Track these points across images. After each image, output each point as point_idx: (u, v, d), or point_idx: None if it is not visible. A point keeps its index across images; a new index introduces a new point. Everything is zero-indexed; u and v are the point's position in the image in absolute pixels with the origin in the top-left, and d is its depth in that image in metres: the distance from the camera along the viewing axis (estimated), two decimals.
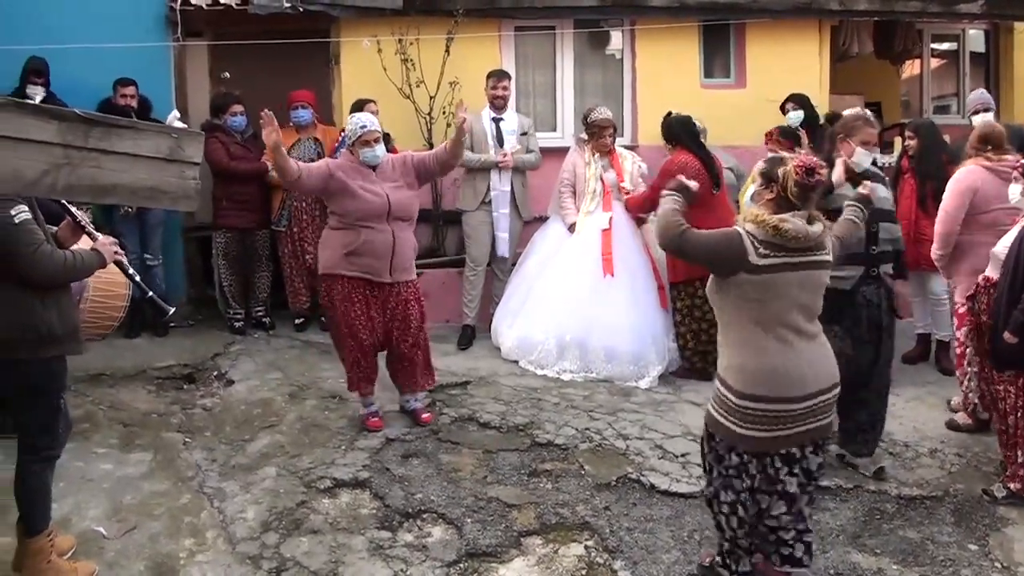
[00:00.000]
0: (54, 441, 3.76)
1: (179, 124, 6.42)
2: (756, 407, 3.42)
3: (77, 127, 2.47)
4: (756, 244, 3.38)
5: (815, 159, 3.47)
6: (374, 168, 5.09)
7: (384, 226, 5.01)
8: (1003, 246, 4.59)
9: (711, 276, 3.57)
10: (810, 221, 3.44)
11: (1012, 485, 4.54)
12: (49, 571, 3.73)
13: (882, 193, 4.60)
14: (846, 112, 5.25)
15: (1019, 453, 4.55)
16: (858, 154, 4.61)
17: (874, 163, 4.92)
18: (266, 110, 4.86)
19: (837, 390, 3.56)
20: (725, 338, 3.56)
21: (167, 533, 4.19)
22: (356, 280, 5.04)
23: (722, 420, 3.52)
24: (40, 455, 3.71)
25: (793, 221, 3.38)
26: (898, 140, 7.97)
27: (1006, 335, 4.35)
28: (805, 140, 6.74)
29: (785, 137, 6.70)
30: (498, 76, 6.96)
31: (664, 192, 3.76)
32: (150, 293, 4.25)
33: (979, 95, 6.87)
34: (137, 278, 4.18)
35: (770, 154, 6.40)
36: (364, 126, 5.07)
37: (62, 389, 3.77)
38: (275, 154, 4.86)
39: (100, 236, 3.86)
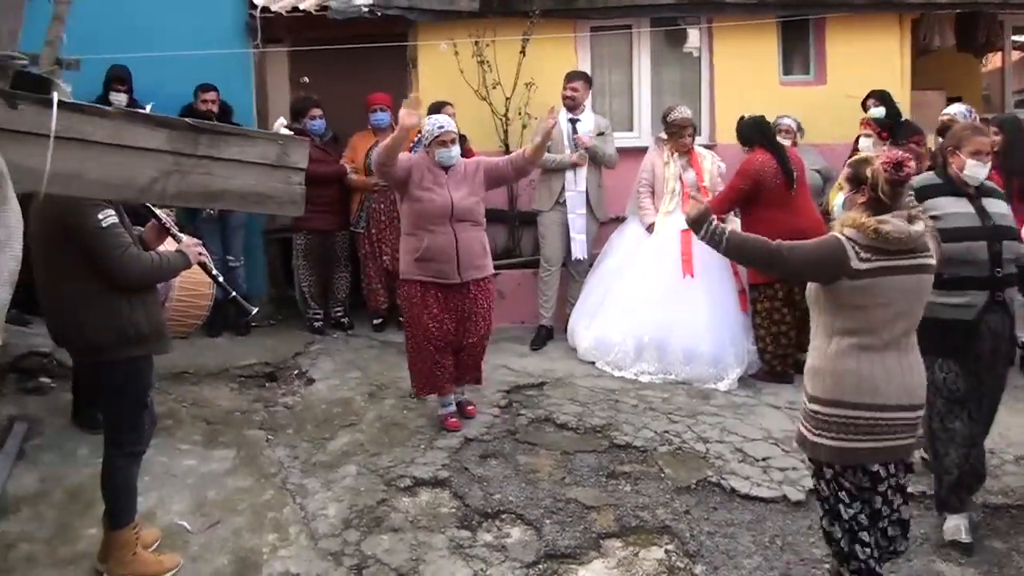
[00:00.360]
0: (140, 437, 3.84)
1: (285, 131, 6.54)
2: (851, 415, 3.32)
3: (187, 135, 2.54)
4: (857, 249, 3.27)
5: (901, 152, 3.35)
6: (447, 170, 5.14)
7: (446, 228, 5.06)
8: None
9: (810, 284, 3.48)
10: (910, 220, 3.31)
11: None
12: (135, 563, 3.82)
13: (1002, 209, 4.19)
14: (948, 111, 5.11)
15: None
16: (970, 167, 4.12)
17: None
18: (414, 95, 5.02)
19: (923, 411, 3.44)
20: (823, 344, 3.43)
21: (250, 528, 4.26)
22: (428, 284, 5.11)
23: (818, 439, 3.41)
24: (126, 451, 3.80)
25: (893, 221, 3.25)
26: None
27: None
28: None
29: (879, 125, 6.56)
30: (571, 78, 6.92)
31: (703, 233, 3.52)
32: (233, 293, 4.32)
33: None
34: (220, 279, 4.24)
35: (864, 140, 6.40)
36: (441, 126, 5.13)
37: (148, 387, 3.86)
38: (397, 138, 4.91)
39: (184, 238, 3.95)
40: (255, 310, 4.64)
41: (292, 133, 5.33)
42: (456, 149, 5.18)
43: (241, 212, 7.02)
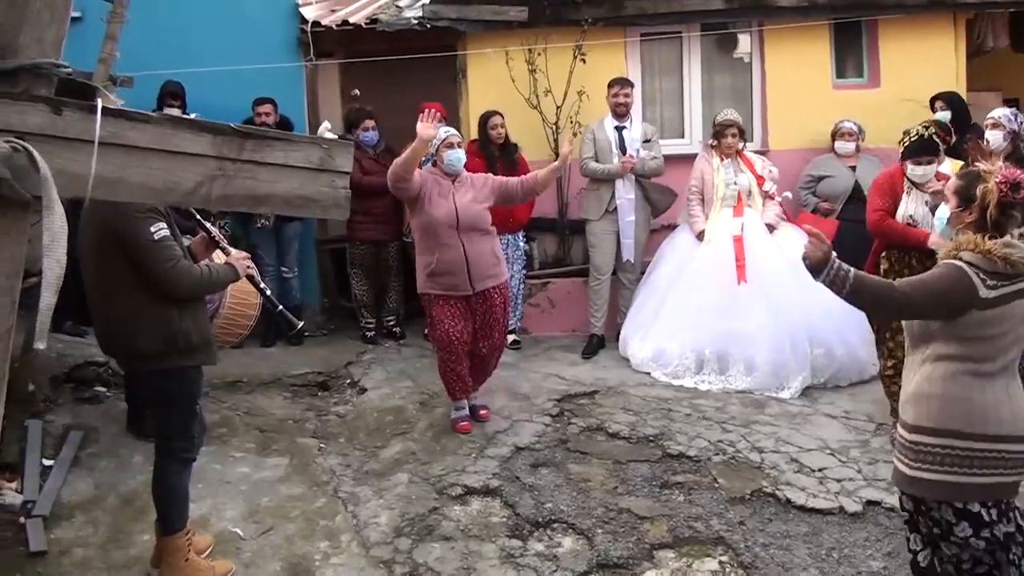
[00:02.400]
0: (190, 444, 3.89)
1: (330, 135, 6.61)
2: (960, 445, 3.08)
3: (232, 140, 2.56)
4: (982, 276, 3.03)
5: (1020, 172, 3.11)
6: (454, 179, 5.26)
7: (454, 240, 5.13)
8: None
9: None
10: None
11: None
12: (187, 568, 3.86)
13: None
14: (992, 115, 4.95)
15: None
16: None
17: None
18: (432, 109, 5.10)
19: None
20: (928, 368, 3.17)
21: (302, 535, 4.29)
22: (447, 297, 5.22)
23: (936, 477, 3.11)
24: (177, 458, 3.85)
25: (1020, 245, 3.03)
26: None
27: None
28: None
29: (943, 130, 6.39)
30: (619, 84, 6.90)
31: (824, 277, 3.12)
32: (280, 307, 4.36)
33: None
34: (268, 292, 4.29)
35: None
36: (448, 130, 5.36)
37: (198, 395, 3.91)
38: (416, 149, 5.00)
39: (233, 251, 4.00)
40: (301, 324, 4.69)
41: (336, 137, 5.38)
42: (461, 152, 5.32)
43: (296, 223, 7.14)
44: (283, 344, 7.04)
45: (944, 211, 3.36)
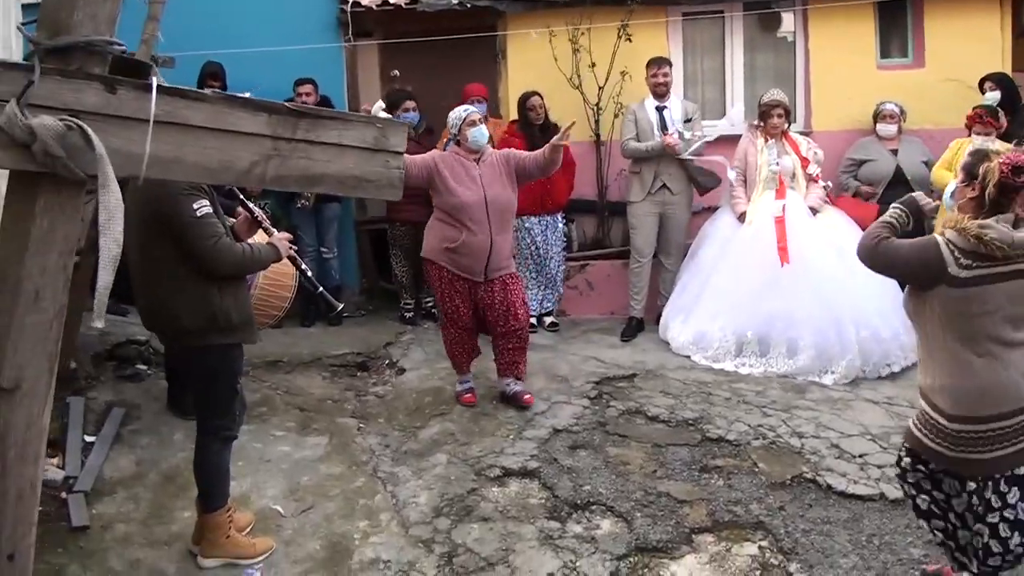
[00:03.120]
0: (231, 422, 3.92)
1: (384, 115, 6.61)
2: (969, 428, 3.17)
3: (286, 119, 2.57)
4: (957, 254, 3.09)
5: None
6: (479, 158, 5.24)
7: (483, 227, 5.13)
8: None
9: (907, 288, 3.34)
10: (1016, 224, 3.09)
11: None
12: (228, 545, 3.92)
13: None
14: None
15: None
16: None
17: None
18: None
19: None
20: (928, 354, 3.30)
21: (342, 514, 4.32)
22: (453, 274, 5.24)
23: (931, 444, 3.29)
24: (218, 435, 3.88)
25: (997, 228, 3.05)
26: None
27: None
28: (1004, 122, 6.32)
29: (991, 116, 6.27)
30: (658, 64, 6.83)
31: (894, 204, 3.42)
32: (320, 289, 4.37)
33: None
34: (309, 273, 4.30)
35: (976, 138, 6.12)
36: (467, 110, 5.36)
37: (239, 374, 3.92)
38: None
39: (276, 232, 4.02)
40: (341, 306, 4.70)
41: (390, 116, 5.37)
42: (484, 128, 5.29)
43: (335, 204, 7.16)
44: (322, 324, 7.09)
45: (952, 185, 3.39)
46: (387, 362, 6.29)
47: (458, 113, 5.33)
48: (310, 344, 6.57)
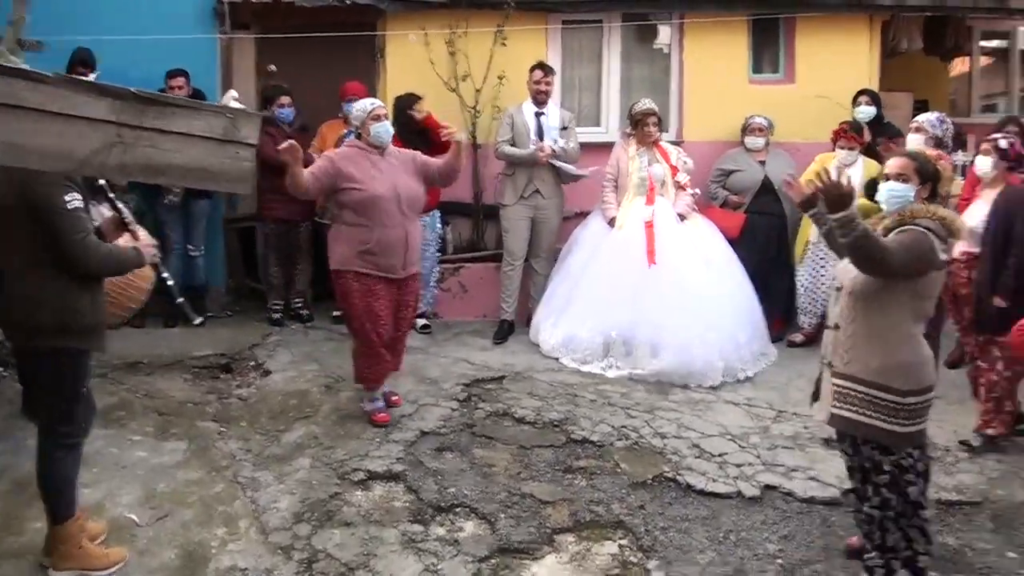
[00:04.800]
0: (75, 429, 3.75)
1: (236, 104, 6.42)
2: (920, 400, 3.47)
3: (132, 105, 2.45)
4: (937, 241, 3.39)
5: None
6: (382, 152, 5.16)
7: (396, 220, 5.01)
8: (977, 220, 4.98)
9: (863, 279, 3.46)
10: None
11: (990, 431, 4.97)
12: (80, 556, 3.75)
13: None
14: (917, 120, 5.24)
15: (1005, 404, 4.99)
16: None
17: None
18: (291, 142, 4.86)
19: None
20: (880, 339, 3.48)
21: (199, 521, 4.19)
22: (372, 277, 5.05)
23: (890, 427, 3.46)
24: (60, 443, 3.72)
25: (954, 215, 3.52)
26: (972, 137, 7.82)
27: (996, 300, 4.79)
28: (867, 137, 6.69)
29: (855, 131, 6.57)
30: (543, 70, 6.87)
31: (841, 217, 3.30)
32: (180, 300, 4.27)
33: None
34: (171, 282, 4.21)
35: (841, 152, 6.52)
36: (373, 103, 5.23)
37: (85, 380, 3.77)
38: (293, 170, 4.87)
39: (142, 234, 3.88)
40: (200, 319, 4.57)
41: (243, 107, 5.23)
42: (388, 124, 5.20)
43: (204, 200, 6.95)
44: (186, 325, 6.85)
45: (902, 187, 3.59)
46: (252, 364, 6.14)
47: (363, 106, 5.18)
48: (172, 345, 6.37)
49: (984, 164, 5.08)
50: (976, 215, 5.03)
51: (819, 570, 3.93)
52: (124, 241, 3.86)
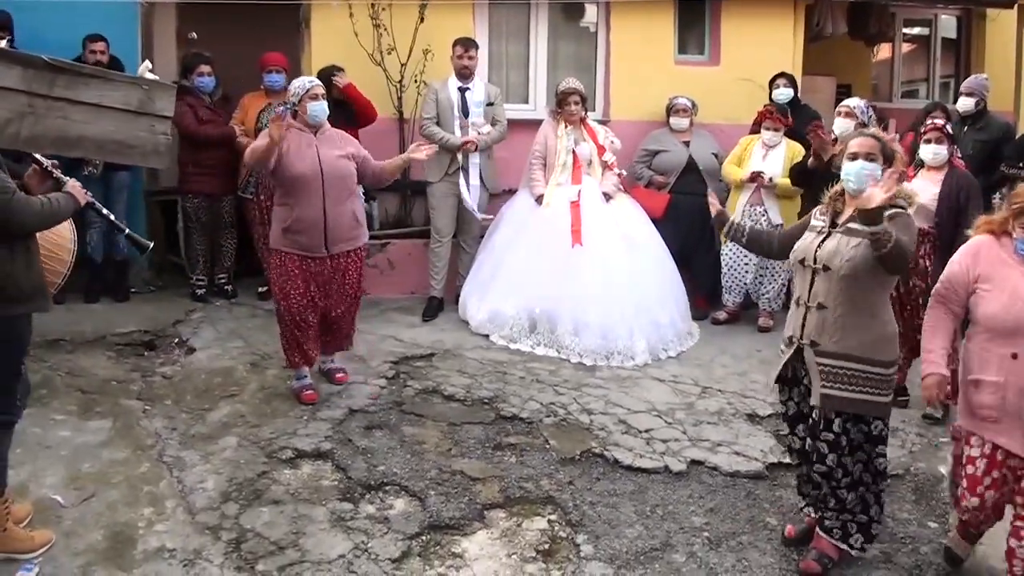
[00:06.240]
0: (11, 406, 3.64)
1: (151, 76, 6.23)
2: (894, 370, 3.71)
3: (43, 74, 2.37)
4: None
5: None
6: (316, 131, 5.12)
7: (316, 198, 4.99)
8: (929, 197, 5.21)
9: (862, 259, 3.53)
10: None
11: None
12: (5, 539, 3.66)
13: None
14: (847, 104, 5.47)
15: None
16: None
17: None
18: (281, 109, 4.97)
19: None
20: (871, 312, 3.63)
21: (125, 502, 4.13)
22: (293, 255, 5.05)
23: (879, 399, 3.65)
24: None
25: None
26: (893, 122, 8.07)
27: None
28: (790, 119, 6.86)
29: (780, 113, 6.72)
30: (465, 45, 6.80)
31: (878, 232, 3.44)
32: (127, 230, 4.19)
33: (975, 78, 6.98)
34: (112, 217, 4.13)
35: (766, 133, 6.65)
36: (312, 81, 5.19)
37: (24, 351, 3.65)
38: (269, 145, 4.88)
39: (69, 180, 3.75)
40: (151, 244, 4.49)
41: (157, 78, 5.11)
42: (324, 104, 5.14)
43: (124, 172, 6.76)
44: (108, 300, 6.72)
45: (871, 166, 3.67)
46: (176, 341, 6.03)
47: (302, 83, 5.13)
48: (94, 321, 6.22)
49: (941, 151, 5.32)
50: (923, 194, 5.13)
51: (744, 542, 4.06)
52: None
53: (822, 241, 3.69)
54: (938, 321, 3.69)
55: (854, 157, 3.70)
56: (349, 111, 6.60)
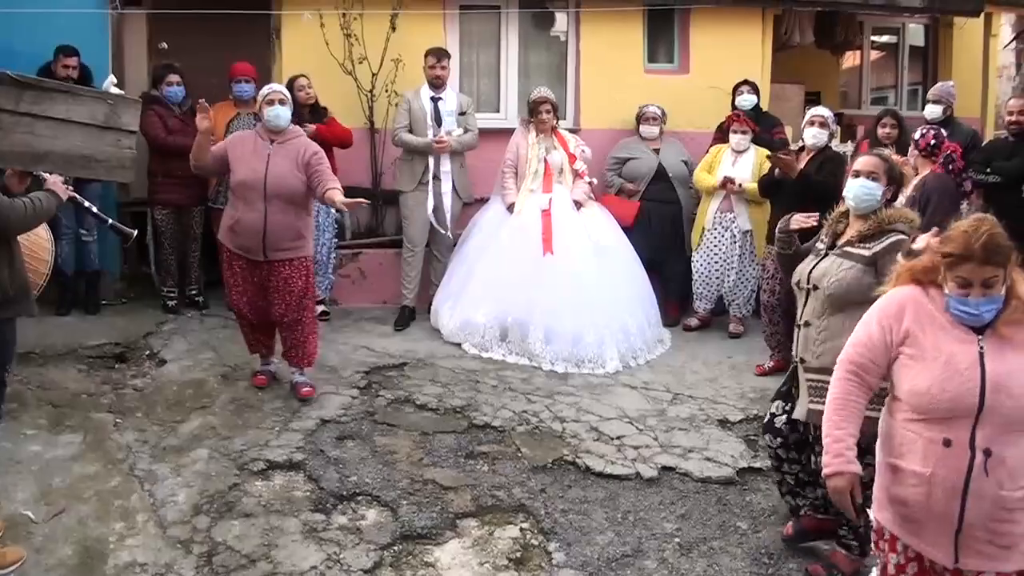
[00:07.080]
0: None
1: (116, 90, 6.21)
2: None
3: (9, 90, 2.38)
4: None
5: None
6: (274, 138, 5.18)
7: (258, 205, 5.07)
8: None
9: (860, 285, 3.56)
10: None
11: None
12: None
13: None
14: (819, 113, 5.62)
15: None
16: None
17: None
18: (202, 100, 5.09)
19: None
20: (851, 329, 3.42)
21: (96, 516, 4.12)
22: (236, 254, 5.24)
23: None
24: None
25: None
26: (861, 129, 8.17)
27: None
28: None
29: (748, 118, 6.80)
30: (437, 55, 6.83)
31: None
32: (110, 221, 4.19)
33: (942, 85, 7.09)
34: (95, 209, 4.17)
35: (735, 136, 6.71)
36: (272, 88, 5.36)
37: (9, 357, 3.62)
38: (199, 141, 5.09)
39: (48, 176, 3.73)
40: (135, 232, 4.50)
41: (122, 93, 5.10)
42: (282, 109, 5.21)
43: (96, 184, 6.69)
44: (79, 312, 6.67)
45: (872, 185, 3.71)
46: (147, 353, 5.99)
47: (264, 90, 5.31)
48: (65, 334, 6.17)
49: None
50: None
51: (715, 547, 4.11)
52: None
53: (817, 262, 3.75)
54: (848, 398, 2.89)
55: (856, 175, 3.75)
56: (317, 114, 6.69)
